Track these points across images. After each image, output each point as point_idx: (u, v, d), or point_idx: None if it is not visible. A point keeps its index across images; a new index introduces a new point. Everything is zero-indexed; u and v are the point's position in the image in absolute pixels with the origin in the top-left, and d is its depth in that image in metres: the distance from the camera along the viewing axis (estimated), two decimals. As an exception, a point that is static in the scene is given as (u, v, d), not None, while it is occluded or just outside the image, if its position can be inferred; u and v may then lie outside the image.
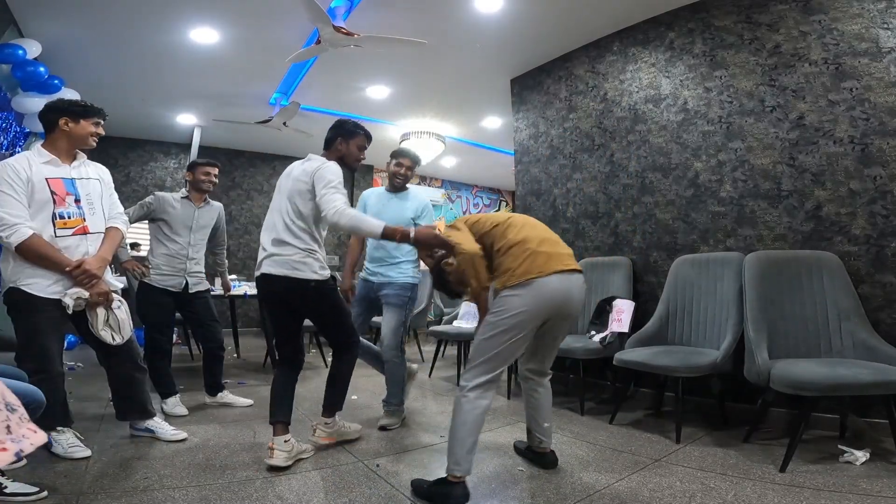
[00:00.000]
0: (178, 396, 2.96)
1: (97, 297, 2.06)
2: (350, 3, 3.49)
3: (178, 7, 3.60)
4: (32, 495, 1.68)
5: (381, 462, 2.19)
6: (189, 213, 3.04)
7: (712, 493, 1.83)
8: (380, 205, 2.87)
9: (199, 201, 3.11)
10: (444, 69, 4.68)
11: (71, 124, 2.11)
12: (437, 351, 4.64)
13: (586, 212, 3.95)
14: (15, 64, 3.59)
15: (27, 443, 1.01)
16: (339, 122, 2.38)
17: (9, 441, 0.97)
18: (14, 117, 3.96)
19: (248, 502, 1.76)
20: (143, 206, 2.98)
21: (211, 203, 3.18)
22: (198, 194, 3.10)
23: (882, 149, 2.54)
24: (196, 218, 3.06)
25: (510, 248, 1.91)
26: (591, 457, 2.27)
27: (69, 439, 2.11)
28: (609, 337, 3.01)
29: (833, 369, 2.07)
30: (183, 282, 2.99)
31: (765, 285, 2.60)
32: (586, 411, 3.01)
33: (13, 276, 1.97)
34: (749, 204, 3.00)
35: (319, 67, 4.61)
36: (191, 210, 3.05)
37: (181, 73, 4.72)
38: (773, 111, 2.95)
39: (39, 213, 1.99)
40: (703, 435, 2.56)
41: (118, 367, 2.26)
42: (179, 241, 2.99)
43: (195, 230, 3.06)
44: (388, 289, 2.76)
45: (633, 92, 3.69)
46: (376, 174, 8.62)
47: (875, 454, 2.15)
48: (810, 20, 2.82)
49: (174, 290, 2.96)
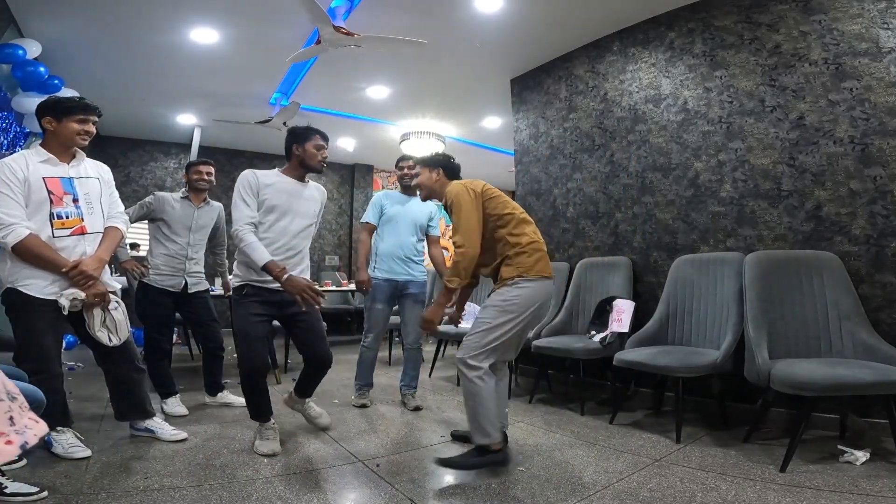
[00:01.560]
0: (179, 396, 2.96)
1: (93, 297, 2.04)
2: (350, 3, 3.49)
3: (178, 7, 3.60)
4: (32, 495, 1.67)
5: (381, 462, 2.19)
6: (188, 213, 3.04)
7: (712, 493, 1.83)
8: (399, 206, 3.15)
9: (199, 201, 3.10)
10: (444, 69, 4.68)
11: (54, 123, 2.05)
12: (437, 351, 4.65)
13: (586, 212, 3.95)
14: (15, 64, 3.60)
15: (31, 434, 1.00)
16: (290, 130, 2.46)
17: (13, 433, 0.95)
18: (14, 117, 3.96)
19: (248, 502, 1.76)
20: (143, 206, 2.98)
21: (211, 203, 3.18)
22: (196, 194, 3.10)
23: (882, 149, 2.54)
24: (195, 218, 3.06)
25: (528, 244, 2.08)
26: (591, 457, 2.27)
27: (69, 439, 2.10)
28: (609, 337, 3.01)
29: (833, 369, 2.07)
30: (182, 282, 2.98)
31: (765, 285, 2.60)
32: (586, 411, 3.01)
33: (10, 277, 1.96)
34: (749, 204, 3.00)
35: (319, 67, 4.61)
36: (190, 210, 3.05)
37: (181, 73, 4.72)
38: (773, 111, 2.94)
39: (37, 213, 1.97)
40: (703, 435, 2.56)
41: (116, 367, 2.24)
42: (179, 242, 2.99)
43: (194, 230, 3.06)
44: (413, 287, 3.12)
45: (634, 92, 3.69)
46: (376, 174, 8.62)
47: (875, 454, 2.14)
48: (810, 20, 2.82)
49: (173, 290, 2.96)
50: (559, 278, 3.83)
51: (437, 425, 2.77)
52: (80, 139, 2.10)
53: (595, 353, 2.98)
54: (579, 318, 3.54)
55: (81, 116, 2.09)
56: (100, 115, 2.18)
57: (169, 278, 2.95)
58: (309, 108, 5.53)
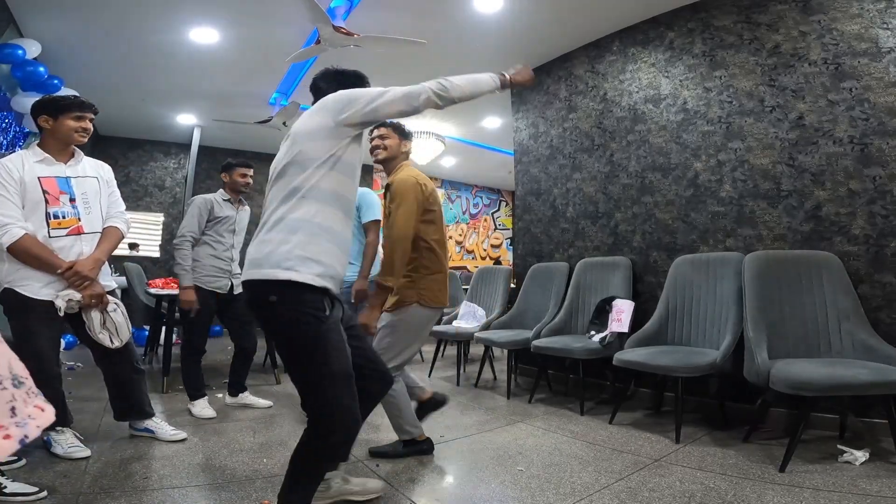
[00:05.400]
0: (207, 399, 2.95)
1: (89, 299, 2.03)
2: (350, 3, 3.49)
3: (178, 7, 3.60)
4: (32, 495, 1.68)
5: (380, 462, 2.19)
6: (232, 215, 3.07)
7: (712, 493, 1.83)
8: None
9: (237, 203, 3.13)
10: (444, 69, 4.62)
11: (50, 121, 2.04)
12: (437, 351, 4.65)
13: (586, 212, 3.95)
14: (15, 64, 3.60)
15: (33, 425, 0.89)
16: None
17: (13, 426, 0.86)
18: (14, 117, 3.97)
19: (247, 502, 1.76)
20: (202, 211, 2.93)
21: (245, 205, 3.22)
22: (236, 196, 3.11)
23: (882, 149, 2.55)
24: (238, 220, 3.10)
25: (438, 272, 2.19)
26: (591, 457, 2.27)
27: (69, 439, 2.10)
28: (609, 337, 3.01)
29: (833, 369, 2.07)
30: (228, 283, 3.01)
31: (764, 285, 2.60)
32: (586, 411, 3.01)
33: (7, 277, 1.95)
34: (749, 204, 3.00)
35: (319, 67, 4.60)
36: (233, 212, 3.08)
37: (181, 73, 4.72)
38: (772, 111, 2.95)
39: (33, 214, 1.96)
40: (702, 435, 2.56)
41: (115, 368, 2.24)
42: (224, 243, 3.02)
43: (237, 232, 3.10)
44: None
45: (633, 92, 3.69)
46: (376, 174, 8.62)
47: (875, 454, 2.15)
48: (810, 20, 2.82)
49: (220, 292, 2.98)
50: (559, 278, 3.84)
51: (436, 425, 2.77)
52: (77, 136, 2.09)
53: (595, 353, 2.98)
54: (579, 318, 3.54)
55: (78, 113, 2.08)
56: (96, 113, 2.17)
57: (216, 280, 2.96)
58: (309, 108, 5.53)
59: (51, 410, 0.96)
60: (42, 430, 0.96)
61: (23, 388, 0.95)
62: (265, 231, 1.43)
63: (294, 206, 1.41)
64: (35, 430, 0.91)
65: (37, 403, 0.97)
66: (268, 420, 2.84)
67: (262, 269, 1.36)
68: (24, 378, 0.96)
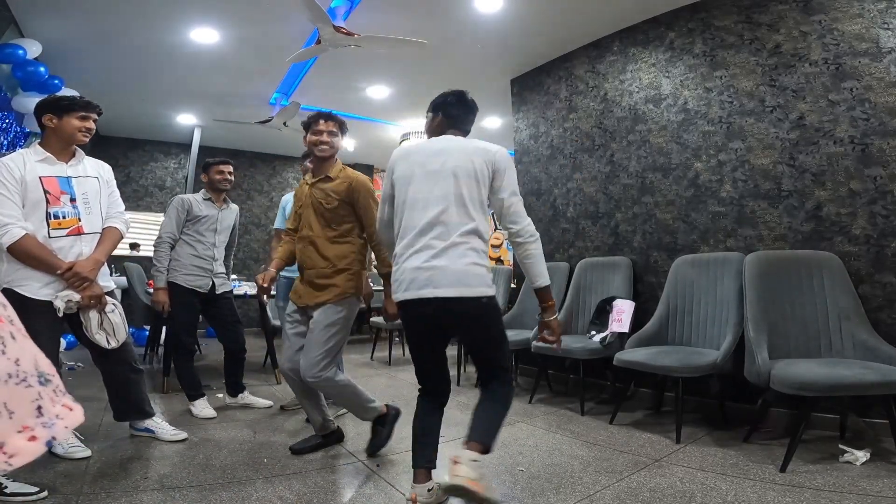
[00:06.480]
0: (206, 398, 2.95)
1: (88, 300, 2.03)
2: (350, 3, 3.49)
3: (178, 7, 3.60)
4: (32, 495, 1.68)
5: (381, 462, 2.19)
6: (213, 214, 3.05)
7: (712, 493, 1.83)
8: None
9: (220, 202, 3.10)
10: (444, 69, 4.67)
11: (55, 120, 2.04)
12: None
13: (586, 212, 3.95)
14: (15, 64, 3.60)
15: (60, 426, 0.83)
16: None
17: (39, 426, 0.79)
18: (14, 117, 3.96)
19: (247, 502, 1.76)
20: (180, 211, 2.94)
21: (230, 204, 3.19)
22: (217, 195, 3.09)
23: (882, 149, 2.54)
24: (220, 219, 3.08)
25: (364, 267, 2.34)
26: (591, 457, 2.27)
27: (69, 439, 2.10)
28: (609, 337, 3.01)
29: (833, 369, 2.07)
30: (210, 282, 2.99)
31: (765, 285, 2.60)
32: (586, 411, 3.01)
33: (6, 277, 1.94)
34: (749, 204, 3.00)
35: (319, 67, 4.61)
36: (214, 211, 3.05)
37: (181, 73, 4.72)
38: (773, 111, 2.94)
39: (33, 213, 1.95)
40: (703, 435, 2.56)
41: (113, 368, 2.23)
42: (205, 242, 3.00)
43: (219, 231, 3.08)
44: None
45: (634, 92, 3.69)
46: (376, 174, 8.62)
47: (875, 454, 2.14)
48: (810, 20, 2.82)
49: (201, 291, 2.97)
50: (559, 278, 3.83)
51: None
52: (81, 136, 2.09)
53: (595, 353, 2.98)
54: (579, 318, 3.54)
55: (83, 113, 2.09)
56: (100, 113, 2.18)
57: (197, 278, 2.95)
58: (309, 108, 5.52)
59: (80, 410, 0.90)
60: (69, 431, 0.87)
61: (49, 386, 0.87)
62: (461, 247, 1.67)
63: (471, 236, 1.69)
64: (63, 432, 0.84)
65: (65, 402, 0.89)
66: (268, 420, 2.84)
67: (475, 288, 1.68)
68: (50, 375, 0.89)
